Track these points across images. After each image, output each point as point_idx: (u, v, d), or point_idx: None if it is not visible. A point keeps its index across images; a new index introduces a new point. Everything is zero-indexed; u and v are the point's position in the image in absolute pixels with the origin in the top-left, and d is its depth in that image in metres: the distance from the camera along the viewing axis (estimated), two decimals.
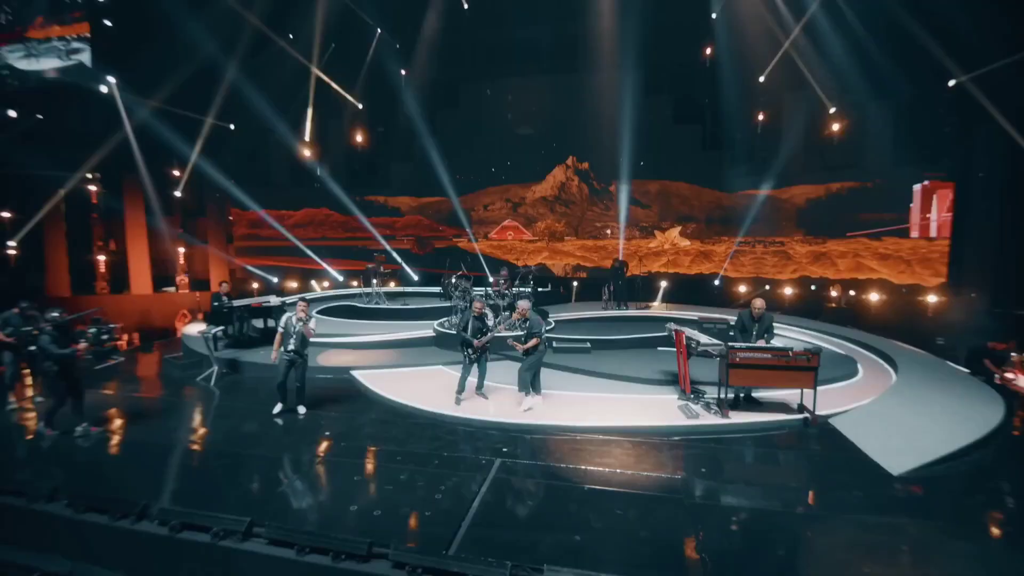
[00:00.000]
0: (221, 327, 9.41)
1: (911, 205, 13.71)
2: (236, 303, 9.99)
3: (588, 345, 9.86)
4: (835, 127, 13.68)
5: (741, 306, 14.13)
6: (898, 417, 6.50)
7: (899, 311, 12.99)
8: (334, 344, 10.41)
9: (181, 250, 17.29)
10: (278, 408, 6.98)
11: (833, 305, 13.75)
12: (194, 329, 9.68)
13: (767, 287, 14.96)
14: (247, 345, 10.20)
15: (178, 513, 4.55)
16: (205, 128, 15.30)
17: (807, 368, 6.32)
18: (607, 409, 6.97)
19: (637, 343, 10.20)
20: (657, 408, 6.98)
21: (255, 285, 17.53)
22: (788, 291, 14.52)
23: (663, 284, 15.07)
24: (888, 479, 5.14)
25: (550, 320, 11.50)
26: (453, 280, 11.54)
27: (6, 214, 15.34)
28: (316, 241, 17.95)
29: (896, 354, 9.25)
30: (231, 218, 18.40)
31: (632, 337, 10.37)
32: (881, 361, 9.28)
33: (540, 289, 14.73)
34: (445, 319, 11.29)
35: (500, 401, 7.35)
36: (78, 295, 16.09)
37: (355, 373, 8.79)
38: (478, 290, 11.20)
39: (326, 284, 17.77)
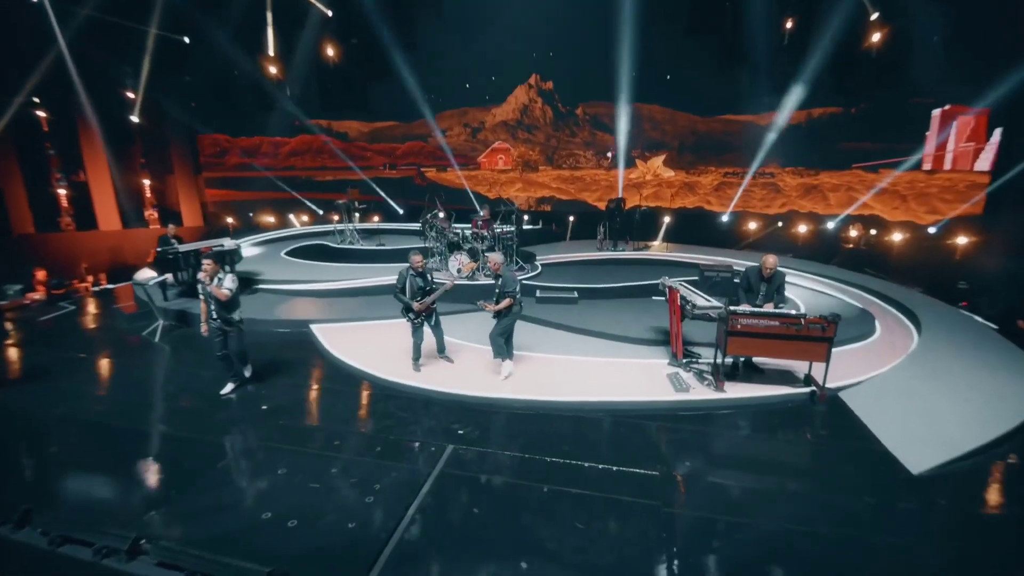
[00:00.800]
0: (160, 276, 8.50)
1: (926, 133, 12.04)
2: (184, 248, 8.98)
3: (575, 295, 8.91)
4: (877, 38, 11.66)
5: (747, 248, 13.03)
6: (920, 393, 5.62)
7: (924, 255, 11.78)
8: (297, 292, 9.54)
9: (147, 182, 16.02)
10: (227, 388, 6.03)
11: (851, 246, 12.51)
12: (142, 276, 8.79)
13: (780, 223, 13.66)
14: (196, 294, 9.33)
15: (61, 522, 3.87)
16: (151, 41, 13.47)
17: (820, 339, 5.36)
18: (586, 377, 6.13)
19: (630, 292, 9.23)
20: (644, 376, 6.14)
21: (229, 220, 16.43)
22: (803, 229, 13.23)
23: (666, 220, 13.76)
24: (907, 480, 4.34)
25: (537, 264, 10.49)
26: (428, 218, 10.36)
27: None
28: (313, 171, 16.50)
29: (919, 309, 8.23)
30: (229, 146, 16.83)
31: (625, 285, 9.38)
32: (902, 317, 8.29)
33: (532, 227, 13.55)
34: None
35: (468, 365, 6.55)
36: (43, 232, 15.20)
37: (314, 328, 7.96)
38: (461, 227, 10.03)
39: (305, 219, 16.64)
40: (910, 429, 4.95)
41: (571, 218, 14.55)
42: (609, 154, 14.60)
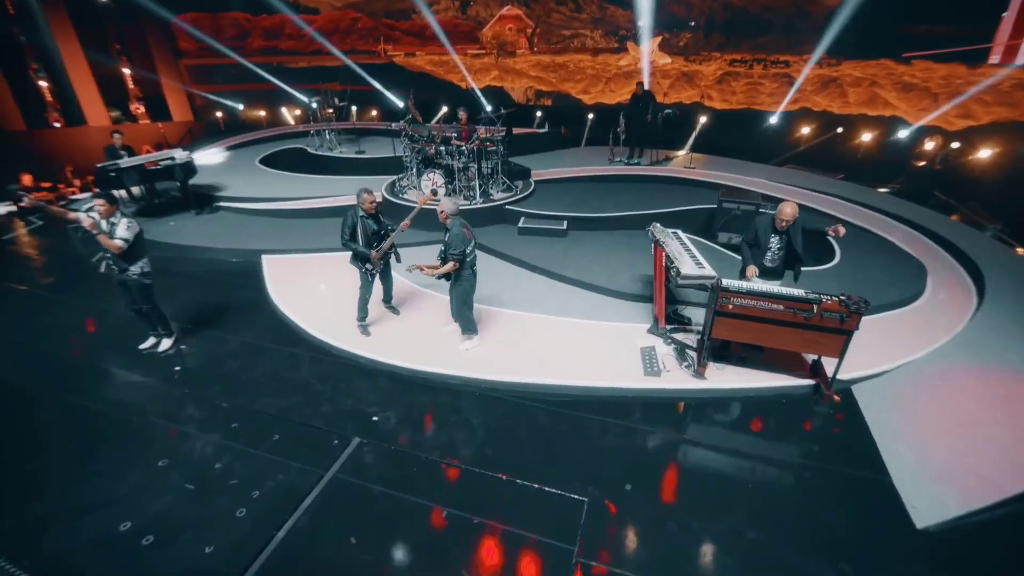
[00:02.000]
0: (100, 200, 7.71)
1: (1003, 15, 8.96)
2: (126, 163, 8.06)
3: (564, 226, 7.61)
4: None
5: (791, 164, 10.77)
6: (958, 399, 4.40)
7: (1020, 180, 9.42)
8: (256, 212, 8.65)
9: (127, 71, 14.74)
10: (149, 342, 5.43)
11: (922, 164, 10.16)
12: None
13: (840, 129, 11.19)
14: (154, 213, 8.62)
15: None
16: None
17: (837, 331, 4.09)
18: (548, 346, 5.19)
19: (632, 223, 7.81)
20: (616, 348, 5.12)
21: (219, 114, 15.20)
22: (866, 137, 10.78)
23: (701, 121, 11.38)
24: (906, 534, 3.37)
25: (531, 182, 9.04)
26: (402, 123, 8.82)
27: None
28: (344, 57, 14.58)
29: (989, 262, 6.55)
30: (250, 26, 14.96)
31: (627, 215, 7.93)
32: (963, 273, 6.65)
33: (537, 130, 11.68)
34: (397, 177, 9.04)
35: (417, 320, 5.70)
36: (33, 129, 14.58)
37: (265, 259, 7.20)
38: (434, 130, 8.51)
39: (297, 113, 15.16)
40: (933, 455, 3.85)
41: (590, 117, 12.41)
42: (622, 33, 11.96)
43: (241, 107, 15.32)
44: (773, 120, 11.44)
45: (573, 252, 7.08)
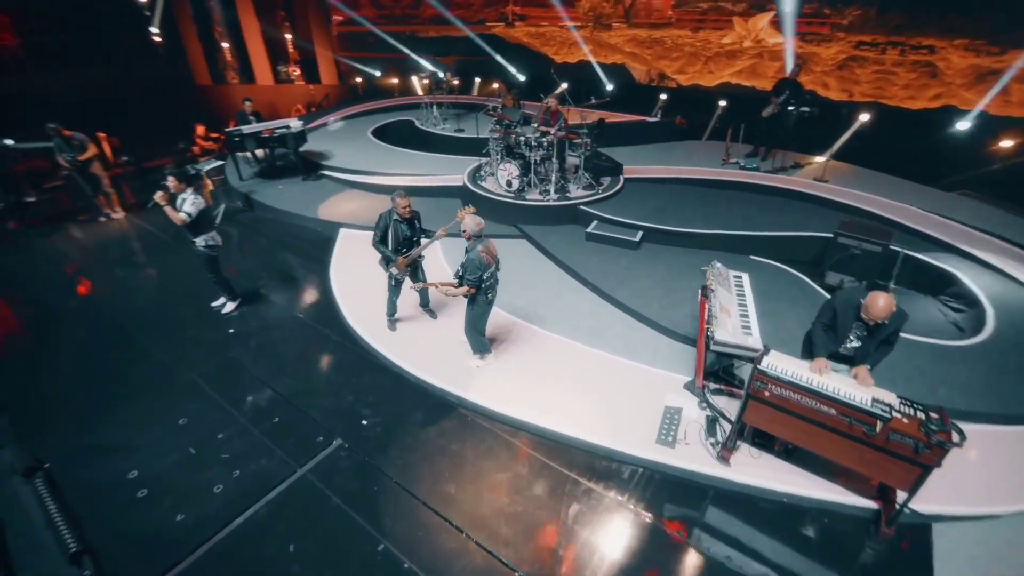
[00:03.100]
0: (219, 162, 8.76)
1: None
2: (248, 129, 9.01)
3: (637, 238, 6.81)
4: None
5: (966, 191, 8.11)
6: None
7: None
8: (348, 183, 9.15)
9: (289, 37, 16.45)
10: (219, 301, 6.07)
11: None
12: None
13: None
14: (272, 175, 9.59)
15: None
16: None
17: (907, 460, 3.03)
18: (565, 379, 4.73)
19: (717, 243, 6.71)
20: (640, 398, 4.49)
21: (358, 80, 16.32)
22: None
23: (862, 118, 9.08)
24: None
25: (619, 179, 8.21)
26: (491, 105, 8.50)
27: None
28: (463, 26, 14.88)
29: None
30: None
31: (714, 233, 6.80)
32: None
33: (647, 119, 10.49)
34: (478, 164, 8.85)
35: (449, 325, 5.56)
36: (217, 84, 17.15)
37: (342, 233, 7.63)
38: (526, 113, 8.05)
39: (426, 82, 15.63)
40: None
41: (721, 104, 10.76)
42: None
43: (378, 74, 16.24)
44: (965, 124, 8.76)
45: (637, 271, 6.31)
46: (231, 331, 5.74)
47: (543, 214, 7.49)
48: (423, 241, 5.07)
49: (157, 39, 16.12)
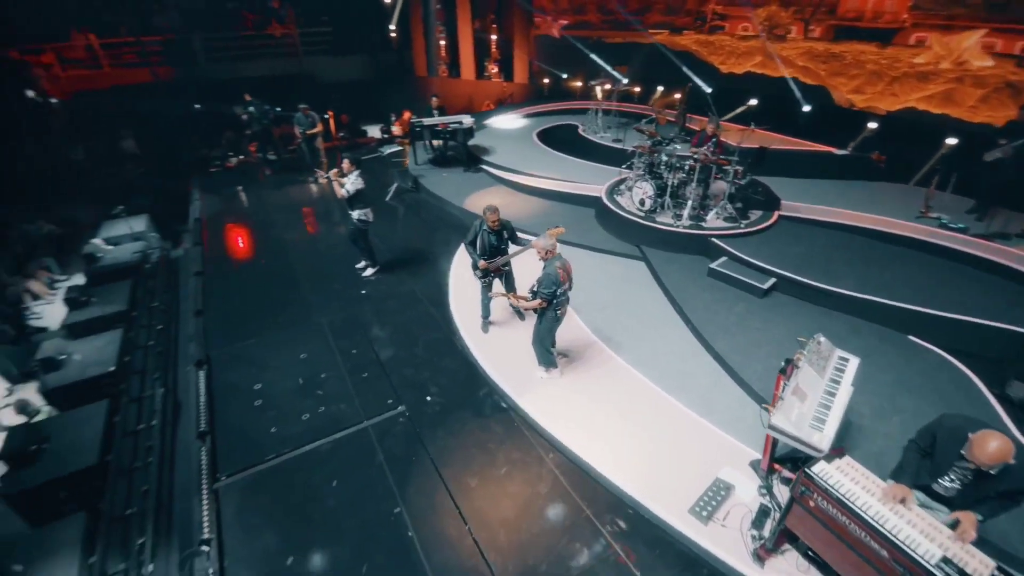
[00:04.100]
0: (398, 147, 10.11)
1: None
2: (427, 121, 10.25)
3: (767, 285, 6.06)
4: None
5: None
6: None
7: None
8: (499, 180, 9.82)
9: (493, 37, 17.93)
10: (362, 264, 7.24)
11: None
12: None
13: None
14: (443, 164, 10.77)
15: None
16: None
17: None
18: (627, 416, 4.62)
19: (863, 311, 5.59)
20: (696, 461, 4.17)
21: (546, 81, 17.09)
22: None
23: None
24: None
25: (772, 214, 7.35)
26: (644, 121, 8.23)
27: None
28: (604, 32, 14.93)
29: None
30: None
31: (862, 298, 5.64)
32: None
33: (837, 151, 8.96)
34: (621, 178, 8.67)
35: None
36: (430, 76, 19.64)
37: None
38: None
39: (607, 87, 15.66)
40: None
41: (949, 142, 8.65)
42: None
43: (565, 76, 16.80)
44: None
45: (751, 322, 5.65)
46: (363, 292, 6.81)
47: (670, 240, 7.11)
48: (511, 249, 5.32)
49: (393, 34, 19.11)
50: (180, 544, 3.86)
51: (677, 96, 12.03)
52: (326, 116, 12.15)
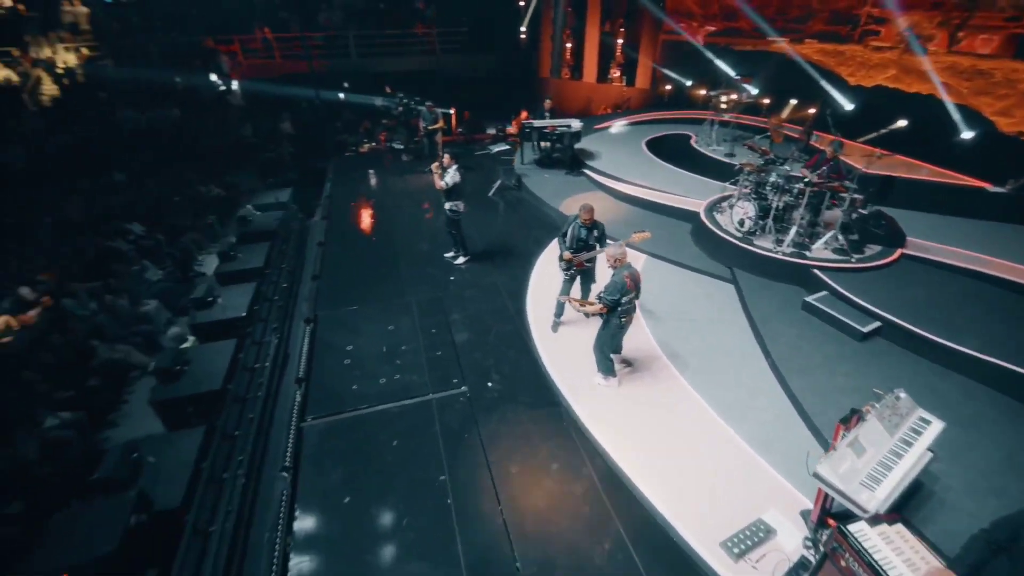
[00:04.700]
0: (507, 146, 10.53)
1: None
2: (537, 123, 10.58)
3: (868, 329, 5.51)
4: None
5: None
6: None
7: None
8: (598, 185, 9.86)
9: (619, 41, 17.75)
10: (460, 260, 7.73)
11: None
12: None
13: None
14: (548, 165, 11.06)
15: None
16: None
17: None
18: (678, 438, 4.60)
19: (987, 375, 4.86)
20: (739, 500, 4.05)
21: (667, 87, 16.58)
22: None
23: None
24: None
25: (892, 251, 6.63)
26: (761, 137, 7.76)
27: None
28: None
29: None
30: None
31: (992, 363, 4.88)
32: None
33: (993, 189, 7.66)
34: (721, 195, 8.25)
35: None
36: (552, 78, 20.01)
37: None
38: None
39: (732, 97, 14.81)
40: None
41: None
42: None
43: (689, 83, 16.18)
44: None
45: (839, 365, 5.19)
46: (451, 278, 7.37)
47: (766, 265, 6.71)
48: (597, 248, 5.45)
49: (523, 35, 19.78)
50: (268, 466, 4.63)
51: (811, 111, 11.09)
52: (449, 112, 13.03)
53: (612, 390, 5.11)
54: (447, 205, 7.08)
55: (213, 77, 14.80)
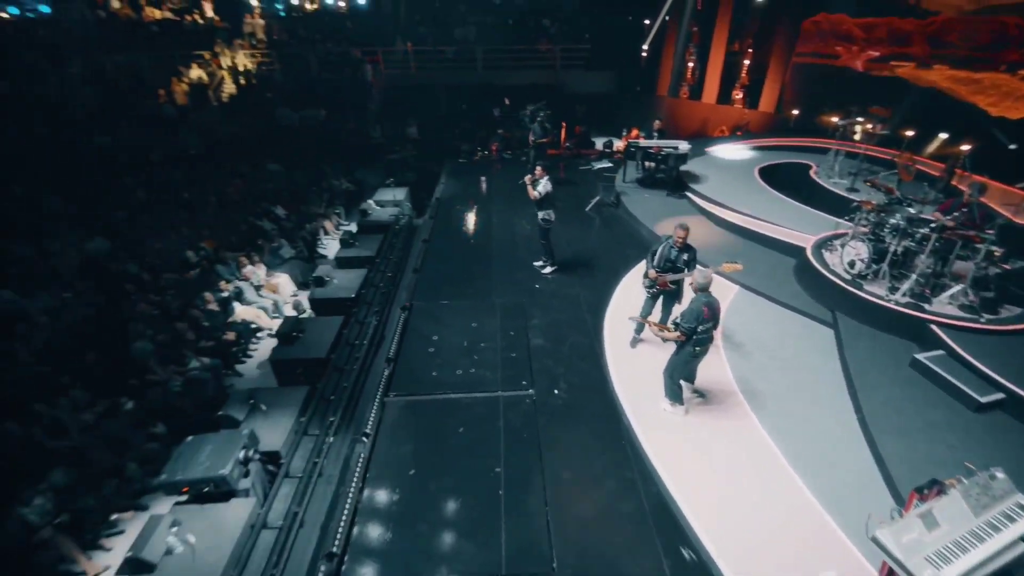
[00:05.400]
0: (610, 164, 10.61)
1: None
2: (643, 143, 10.56)
3: (987, 399, 4.87)
4: None
5: None
6: None
7: None
8: (699, 209, 9.61)
9: (746, 62, 16.92)
10: (540, 262, 8.10)
11: None
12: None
13: None
14: (651, 185, 10.97)
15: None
16: None
17: None
18: (740, 476, 4.50)
19: None
20: (792, 552, 3.90)
21: (794, 112, 15.48)
22: None
23: None
24: None
25: (1006, 314, 5.79)
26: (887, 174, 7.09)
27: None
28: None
29: None
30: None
31: None
32: None
33: None
34: (833, 232, 7.62)
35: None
36: (670, 96, 19.61)
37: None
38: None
39: (869, 126, 13.49)
40: None
41: None
42: None
43: (821, 110, 15.02)
44: None
45: (944, 435, 4.64)
46: (536, 286, 7.70)
47: (875, 313, 6.15)
48: (685, 272, 5.44)
49: (644, 53, 19.66)
50: (352, 430, 5.29)
51: (965, 148, 9.83)
52: (555, 130, 13.42)
53: (678, 417, 5.07)
54: (540, 214, 7.43)
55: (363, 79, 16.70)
